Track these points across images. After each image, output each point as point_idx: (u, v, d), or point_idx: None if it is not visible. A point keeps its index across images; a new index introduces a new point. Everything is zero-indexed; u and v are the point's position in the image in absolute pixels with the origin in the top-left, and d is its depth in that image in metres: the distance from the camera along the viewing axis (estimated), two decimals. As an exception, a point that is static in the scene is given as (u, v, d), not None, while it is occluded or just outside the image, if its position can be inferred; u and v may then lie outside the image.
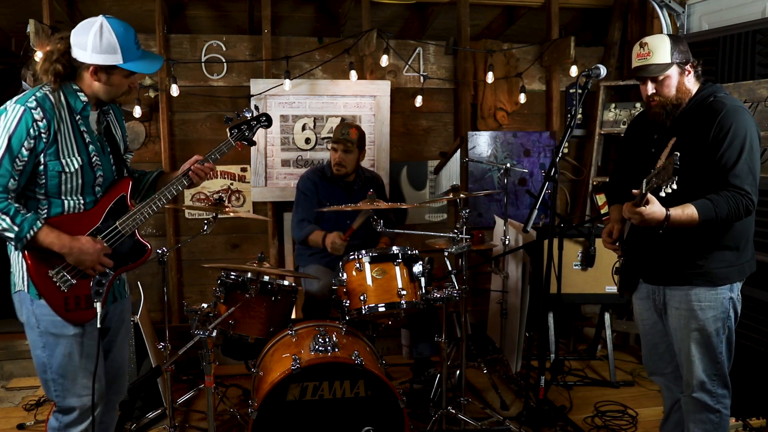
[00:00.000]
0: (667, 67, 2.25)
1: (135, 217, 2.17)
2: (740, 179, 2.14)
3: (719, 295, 2.28)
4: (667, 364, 2.52)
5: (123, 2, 4.11)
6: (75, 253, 2.03)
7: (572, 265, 3.78)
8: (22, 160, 1.95)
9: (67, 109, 2.05)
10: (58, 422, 2.15)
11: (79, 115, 2.08)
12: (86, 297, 2.09)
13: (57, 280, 2.05)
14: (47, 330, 2.08)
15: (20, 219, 1.94)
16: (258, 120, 2.46)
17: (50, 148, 1.99)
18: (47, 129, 1.97)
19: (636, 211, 2.07)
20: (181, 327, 4.13)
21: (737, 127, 2.15)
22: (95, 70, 2.04)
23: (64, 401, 2.13)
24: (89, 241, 2.06)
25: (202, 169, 2.29)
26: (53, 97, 2.01)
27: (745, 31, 3.22)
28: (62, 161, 2.01)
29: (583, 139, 4.72)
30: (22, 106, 1.95)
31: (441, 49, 4.47)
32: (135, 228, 2.19)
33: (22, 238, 1.95)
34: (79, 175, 2.06)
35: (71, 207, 2.09)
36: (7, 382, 3.89)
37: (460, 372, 3.29)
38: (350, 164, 3.64)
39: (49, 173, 2.01)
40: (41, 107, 1.96)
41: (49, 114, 1.98)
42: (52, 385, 2.12)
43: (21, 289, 2.09)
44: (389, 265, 2.91)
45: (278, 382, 2.54)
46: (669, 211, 2.08)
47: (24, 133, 1.93)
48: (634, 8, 4.53)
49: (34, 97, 1.98)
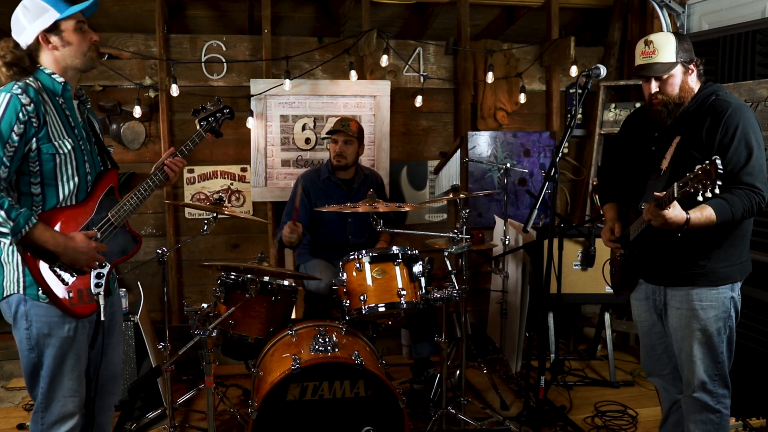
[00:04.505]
0: (673, 66, 2.24)
1: (124, 207, 2.20)
2: (753, 177, 2.14)
3: (720, 294, 2.27)
4: (665, 365, 2.52)
5: (123, 2, 4.11)
6: (69, 253, 2.03)
7: (572, 265, 3.78)
8: (12, 146, 1.94)
9: (48, 94, 2.05)
10: (39, 425, 2.12)
11: (62, 98, 2.09)
12: (87, 290, 2.11)
13: (61, 275, 2.06)
14: (40, 331, 2.06)
15: (15, 213, 1.91)
16: (222, 111, 2.52)
17: (41, 131, 1.99)
18: (36, 113, 1.97)
19: (660, 214, 2.04)
20: (181, 327, 4.12)
21: (744, 126, 2.15)
22: (44, 38, 2.05)
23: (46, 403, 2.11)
24: (83, 239, 2.06)
25: (174, 163, 2.33)
26: (34, 84, 2.02)
27: (745, 31, 3.22)
28: (54, 143, 2.02)
29: (583, 139, 4.72)
30: (8, 93, 1.95)
31: (441, 49, 4.47)
32: (125, 219, 2.22)
33: (18, 232, 1.92)
34: (72, 157, 2.07)
35: (66, 196, 2.08)
36: (7, 382, 3.90)
37: (460, 372, 3.29)
38: (350, 156, 3.64)
39: (43, 156, 2.00)
40: (26, 93, 1.96)
41: (35, 98, 1.98)
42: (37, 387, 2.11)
43: (12, 293, 2.05)
44: (389, 265, 2.91)
45: (278, 382, 2.54)
46: (689, 214, 2.06)
47: (13, 118, 1.93)
48: (634, 8, 4.53)
49: (17, 84, 1.98)
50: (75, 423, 2.15)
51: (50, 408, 2.12)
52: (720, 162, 1.84)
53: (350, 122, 3.63)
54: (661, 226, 2.09)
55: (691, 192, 1.92)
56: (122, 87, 4.02)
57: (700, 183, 1.89)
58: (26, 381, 2.14)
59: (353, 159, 3.67)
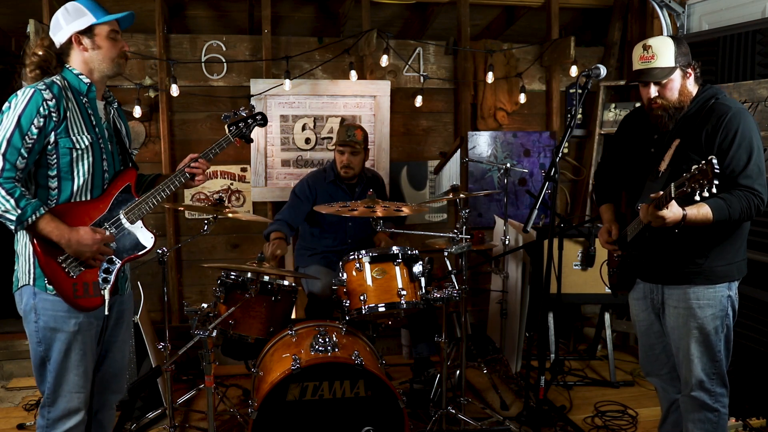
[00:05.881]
0: (672, 70, 2.24)
1: (140, 206, 2.23)
2: (751, 179, 2.15)
3: (718, 293, 2.28)
4: (663, 365, 2.53)
5: (123, 2, 4.11)
6: (73, 245, 2.05)
7: (572, 265, 3.78)
8: (31, 138, 2.00)
9: (72, 91, 2.13)
10: (45, 419, 2.16)
11: (86, 98, 2.15)
12: (94, 284, 2.14)
13: (66, 267, 2.08)
14: (46, 325, 2.09)
15: (24, 203, 1.97)
16: (254, 118, 2.52)
17: (60, 125, 2.05)
18: (56, 108, 2.04)
19: (658, 215, 2.05)
20: (181, 327, 4.13)
21: (744, 129, 2.16)
22: (77, 39, 2.13)
23: (53, 398, 2.14)
24: (88, 232, 2.08)
25: (198, 166, 2.34)
26: (60, 82, 2.10)
27: (745, 31, 3.22)
28: (72, 138, 2.07)
29: (583, 139, 4.72)
30: (33, 89, 2.04)
31: (441, 49, 4.47)
32: (140, 218, 2.24)
33: (24, 221, 1.97)
34: (90, 153, 2.11)
35: (81, 190, 2.12)
36: (7, 382, 3.90)
37: (460, 372, 3.29)
38: (357, 166, 3.64)
39: (60, 150, 2.06)
40: (49, 89, 2.05)
41: (58, 94, 2.05)
42: (45, 382, 2.15)
43: (25, 284, 2.11)
44: (389, 265, 2.91)
45: (278, 382, 2.54)
46: (686, 211, 2.07)
47: (33, 112, 2.00)
48: (634, 8, 4.53)
49: (43, 81, 2.08)
50: (80, 419, 2.17)
51: (56, 403, 2.15)
52: (716, 161, 1.85)
53: (356, 131, 3.59)
54: (659, 226, 2.10)
55: (688, 192, 1.92)
56: (122, 87, 4.02)
57: (696, 183, 1.89)
58: (35, 375, 2.18)
59: (360, 168, 3.68)
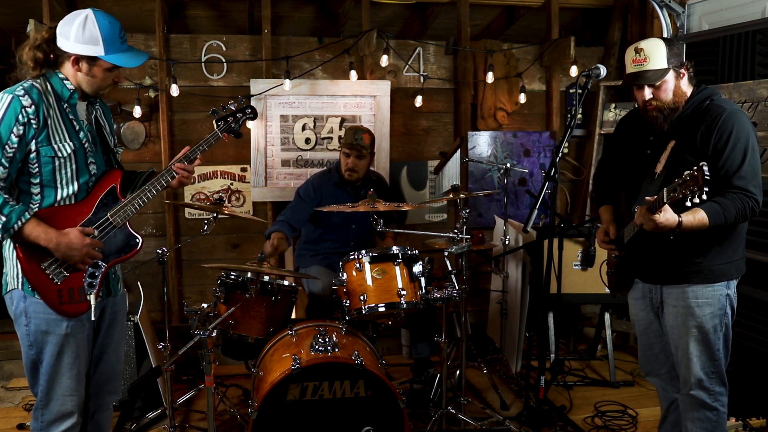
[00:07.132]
0: (665, 72, 2.24)
1: (126, 208, 2.18)
2: (746, 180, 2.15)
3: (716, 291, 2.28)
4: (663, 364, 2.53)
5: (123, 2, 4.11)
6: (62, 249, 2.02)
7: (572, 265, 3.78)
8: (11, 147, 1.96)
9: (54, 96, 2.07)
10: (39, 422, 2.15)
11: (67, 103, 2.10)
12: (80, 289, 2.10)
13: (50, 273, 2.05)
14: (38, 328, 2.08)
15: (8, 209, 1.94)
16: (243, 111, 2.44)
17: (41, 134, 2.00)
18: (36, 115, 1.98)
19: (651, 218, 2.05)
20: (181, 327, 4.12)
21: (739, 131, 2.16)
22: (76, 59, 2.06)
23: (46, 401, 2.13)
24: (77, 235, 2.05)
25: (185, 168, 2.30)
26: (40, 86, 2.03)
27: (745, 31, 3.21)
28: (54, 146, 2.02)
29: (583, 139, 4.72)
30: (10, 95, 1.97)
31: (441, 49, 4.47)
32: (126, 220, 2.20)
33: (9, 228, 1.94)
34: (73, 160, 2.07)
35: (64, 197, 2.08)
36: (7, 382, 3.90)
37: (460, 372, 3.29)
38: (362, 169, 3.64)
39: (42, 159, 2.01)
40: (28, 95, 1.98)
41: (37, 100, 1.99)
42: (38, 385, 2.13)
43: (13, 288, 2.09)
44: (389, 265, 2.91)
45: (278, 382, 2.54)
46: (681, 218, 2.07)
47: (12, 120, 1.95)
48: (634, 8, 4.53)
49: (22, 86, 2.01)
50: (74, 422, 2.16)
51: (49, 406, 2.13)
52: (707, 168, 1.86)
53: (363, 135, 3.56)
54: (653, 230, 2.10)
55: (680, 197, 1.93)
56: (122, 87, 4.01)
57: (687, 189, 1.91)
58: (28, 378, 2.16)
59: (365, 172, 3.68)
